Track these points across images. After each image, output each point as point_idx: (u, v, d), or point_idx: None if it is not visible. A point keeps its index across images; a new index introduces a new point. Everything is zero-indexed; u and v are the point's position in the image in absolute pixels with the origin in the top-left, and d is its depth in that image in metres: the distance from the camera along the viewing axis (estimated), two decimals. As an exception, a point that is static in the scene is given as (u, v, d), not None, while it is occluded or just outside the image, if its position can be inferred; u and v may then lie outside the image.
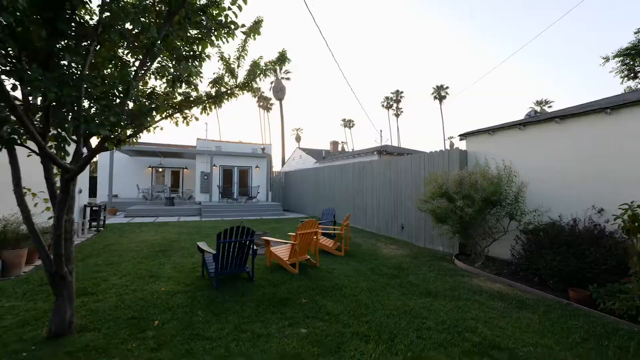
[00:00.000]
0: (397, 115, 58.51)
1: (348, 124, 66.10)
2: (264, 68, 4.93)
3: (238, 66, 4.67)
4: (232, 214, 14.27)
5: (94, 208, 9.34)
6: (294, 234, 5.22)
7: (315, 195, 14.21)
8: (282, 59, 5.24)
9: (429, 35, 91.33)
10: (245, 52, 4.73)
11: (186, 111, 4.14)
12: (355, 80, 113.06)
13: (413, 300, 3.96)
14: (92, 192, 19.94)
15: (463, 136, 7.18)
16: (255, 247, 4.62)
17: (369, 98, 70.71)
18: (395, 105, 57.75)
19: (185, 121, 4.22)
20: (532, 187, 5.46)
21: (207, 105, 4.26)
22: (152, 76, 3.61)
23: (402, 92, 56.91)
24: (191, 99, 3.95)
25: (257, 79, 4.91)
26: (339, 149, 41.97)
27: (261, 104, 54.83)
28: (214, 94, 4.29)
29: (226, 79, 4.61)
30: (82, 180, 9.35)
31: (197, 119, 4.33)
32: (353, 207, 10.88)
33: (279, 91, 43.88)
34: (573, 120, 5.16)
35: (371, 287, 4.46)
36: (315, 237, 5.50)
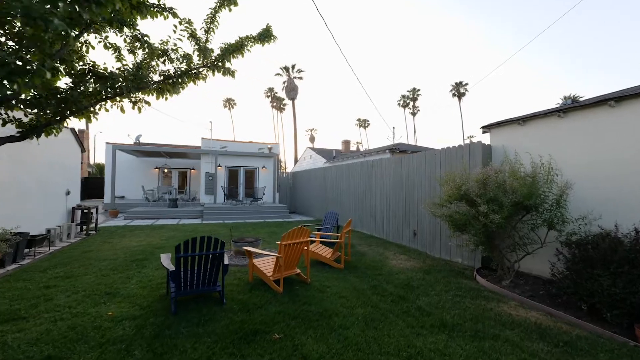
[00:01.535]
0: (413, 114, 56.78)
1: (363, 123, 64.86)
2: (241, 43, 4.12)
3: (206, 41, 3.87)
4: (235, 216, 13.60)
5: (84, 210, 8.86)
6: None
7: (322, 197, 13.32)
8: (266, 35, 4.41)
9: (446, 32, 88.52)
10: (216, 24, 3.93)
11: (138, 94, 3.38)
12: (371, 79, 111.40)
13: (422, 338, 3.00)
14: (100, 193, 19.93)
15: (486, 128, 6.10)
16: (227, 262, 3.78)
17: (385, 97, 69.37)
18: (411, 103, 56.05)
19: (135, 107, 3.46)
20: (576, 188, 4.36)
21: (166, 88, 3.49)
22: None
23: (418, 90, 55.15)
24: (135, 78, 3.15)
25: (232, 57, 4.10)
26: (355, 149, 40.89)
27: (274, 104, 54.48)
28: (172, 72, 3.50)
29: (195, 57, 3.82)
30: (72, 180, 8.88)
31: (148, 103, 3.55)
32: (361, 209, 9.92)
33: (291, 90, 43.32)
34: (634, 102, 4.03)
35: (369, 314, 3.52)
36: (306, 247, 4.62)
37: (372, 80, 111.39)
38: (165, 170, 19.51)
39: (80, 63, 3.07)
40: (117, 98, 3.24)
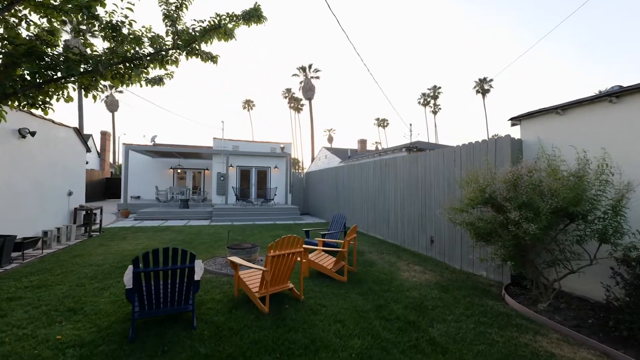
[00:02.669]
0: (434, 113, 54.79)
1: (382, 123, 63.40)
2: (219, 22, 3.54)
3: (178, 18, 3.31)
4: (245, 218, 13.17)
5: (88, 211, 8.67)
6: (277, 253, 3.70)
7: (334, 198, 12.63)
8: (253, 14, 3.81)
9: (466, 27, 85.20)
10: (190, 0, 3.37)
11: (91, 79, 2.86)
12: (391, 79, 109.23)
13: (432, 390, 2.27)
14: (120, 193, 20.21)
15: (516, 120, 5.21)
16: (198, 278, 3.20)
17: (406, 96, 67.57)
18: (432, 101, 54.12)
19: (89, 94, 2.95)
20: (639, 191, 3.44)
21: (126, 73, 2.96)
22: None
23: (439, 88, 53.21)
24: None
25: (211, 39, 3.52)
26: (374, 149, 39.80)
27: (292, 104, 54.35)
28: (130, 54, 2.96)
29: (169, 39, 3.28)
30: (75, 181, 8.71)
31: (102, 90, 3.03)
32: (374, 212, 9.15)
33: (308, 90, 42.98)
34: None
35: (367, 349, 2.82)
36: (299, 258, 3.98)
37: (392, 79, 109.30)
38: (179, 171, 19.51)
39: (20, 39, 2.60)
40: (61, 82, 2.75)
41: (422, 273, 5.30)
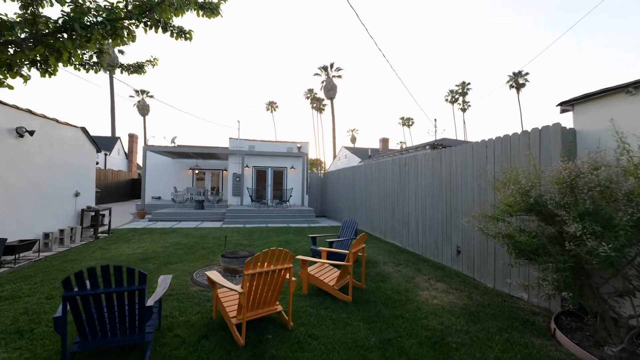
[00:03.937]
0: (463, 110, 52.16)
1: (407, 122, 61.28)
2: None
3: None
4: (258, 220, 12.66)
5: (96, 213, 8.49)
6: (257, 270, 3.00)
7: (351, 200, 11.79)
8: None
9: (497, 19, 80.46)
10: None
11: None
12: (416, 76, 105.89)
13: None
14: (138, 194, 20.60)
15: (567, 105, 4.17)
16: (150, 304, 2.56)
17: (432, 93, 64.92)
18: (461, 98, 51.52)
19: (13, 75, 2.40)
20: None
21: (64, 47, 2.38)
22: None
23: (468, 84, 50.57)
24: None
25: (182, 12, 2.89)
26: (398, 148, 38.27)
27: (314, 105, 53.87)
28: (65, 22, 2.36)
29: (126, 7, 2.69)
30: (84, 181, 8.56)
31: (25, 78, 2.46)
32: (392, 216, 8.24)
33: (330, 90, 42.27)
34: None
35: (361, 414, 2.03)
36: (288, 276, 3.25)
37: (418, 76, 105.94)
38: (197, 172, 19.50)
39: None
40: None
41: (445, 292, 4.39)
